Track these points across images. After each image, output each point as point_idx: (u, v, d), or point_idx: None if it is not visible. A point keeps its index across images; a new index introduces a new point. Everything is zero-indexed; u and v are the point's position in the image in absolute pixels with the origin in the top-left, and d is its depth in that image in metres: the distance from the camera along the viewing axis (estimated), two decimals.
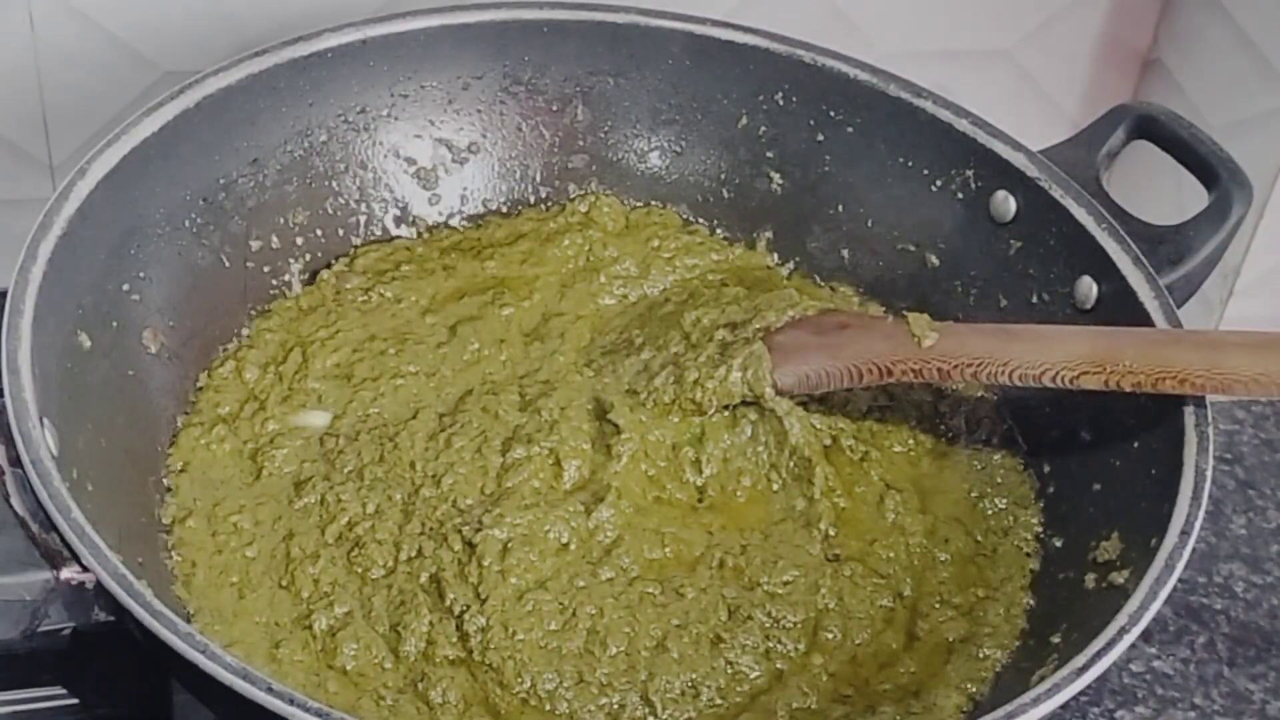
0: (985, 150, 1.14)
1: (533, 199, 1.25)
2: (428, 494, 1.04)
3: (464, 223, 1.24)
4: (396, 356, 1.12)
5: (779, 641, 1.00)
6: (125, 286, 1.04)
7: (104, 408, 0.99)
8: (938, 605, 1.03)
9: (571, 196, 1.25)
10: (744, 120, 1.23)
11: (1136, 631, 0.89)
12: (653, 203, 1.25)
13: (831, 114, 1.20)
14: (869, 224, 1.21)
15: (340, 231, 1.20)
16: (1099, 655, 0.87)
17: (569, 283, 1.19)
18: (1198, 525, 0.94)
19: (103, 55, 1.27)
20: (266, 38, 1.14)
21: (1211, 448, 0.97)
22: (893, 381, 1.07)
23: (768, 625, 1.00)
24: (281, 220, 1.16)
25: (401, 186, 1.22)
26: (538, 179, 1.25)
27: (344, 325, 1.14)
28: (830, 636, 1.01)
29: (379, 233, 1.21)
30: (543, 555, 1.00)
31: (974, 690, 0.98)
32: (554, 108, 1.24)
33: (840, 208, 1.22)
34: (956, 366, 1.04)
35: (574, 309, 1.18)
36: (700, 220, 1.26)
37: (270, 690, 0.79)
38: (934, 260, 1.19)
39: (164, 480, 1.04)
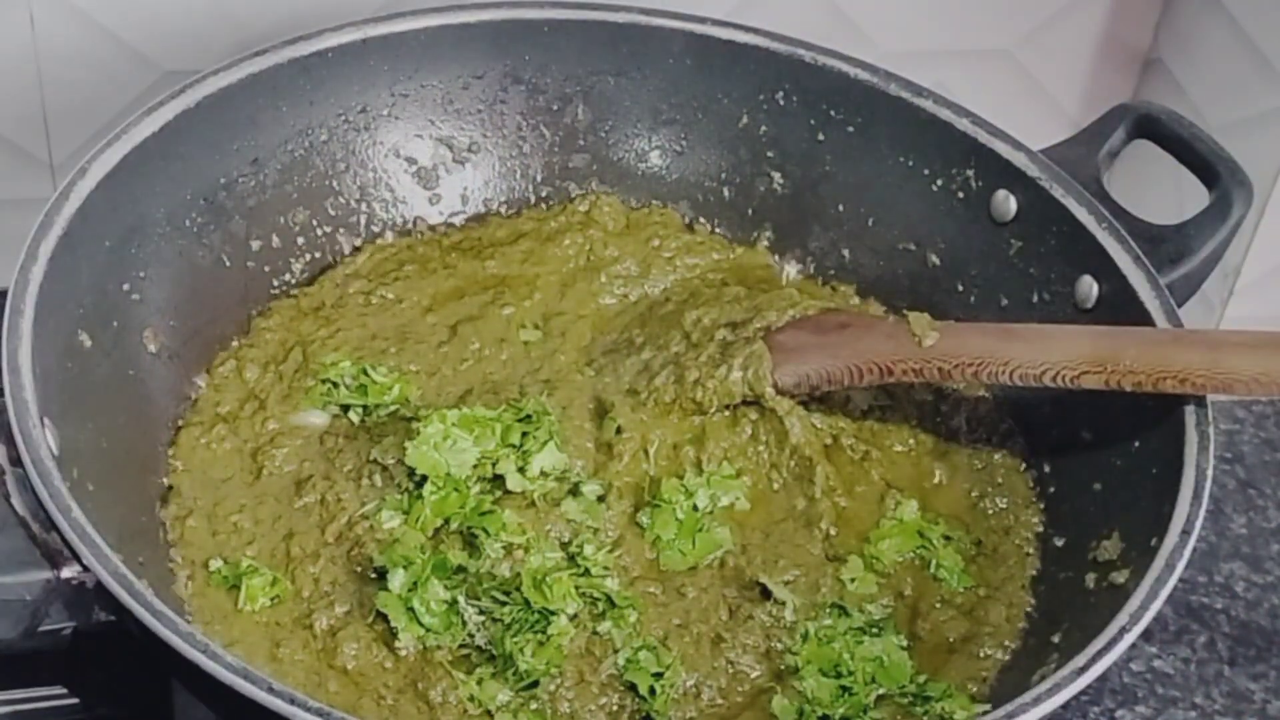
0: (986, 150, 1.14)
1: (533, 198, 1.25)
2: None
3: (465, 222, 1.24)
4: (397, 355, 1.12)
5: (779, 641, 1.00)
6: (126, 286, 1.04)
7: (104, 407, 0.99)
8: (938, 605, 1.03)
9: (572, 196, 1.25)
10: (744, 120, 1.23)
11: (1137, 631, 0.89)
12: (653, 202, 1.26)
13: (832, 113, 1.20)
14: (869, 223, 1.21)
15: (341, 231, 1.20)
16: (1100, 655, 0.87)
17: (570, 282, 1.20)
18: (1198, 525, 0.94)
19: (103, 55, 1.27)
20: (266, 38, 1.14)
21: (1212, 447, 0.97)
22: (893, 381, 1.07)
23: (768, 624, 1.00)
24: (282, 220, 1.16)
25: (402, 186, 1.22)
26: (538, 178, 1.25)
27: (344, 324, 1.14)
28: None
29: (380, 232, 1.21)
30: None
31: (975, 690, 0.98)
32: (554, 107, 1.24)
33: (841, 207, 1.22)
34: (957, 366, 1.04)
35: (575, 308, 1.18)
36: (701, 220, 1.26)
37: (271, 690, 0.79)
38: (935, 260, 1.19)
39: (164, 480, 1.04)
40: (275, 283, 1.16)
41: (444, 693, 0.95)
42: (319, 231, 1.19)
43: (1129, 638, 0.88)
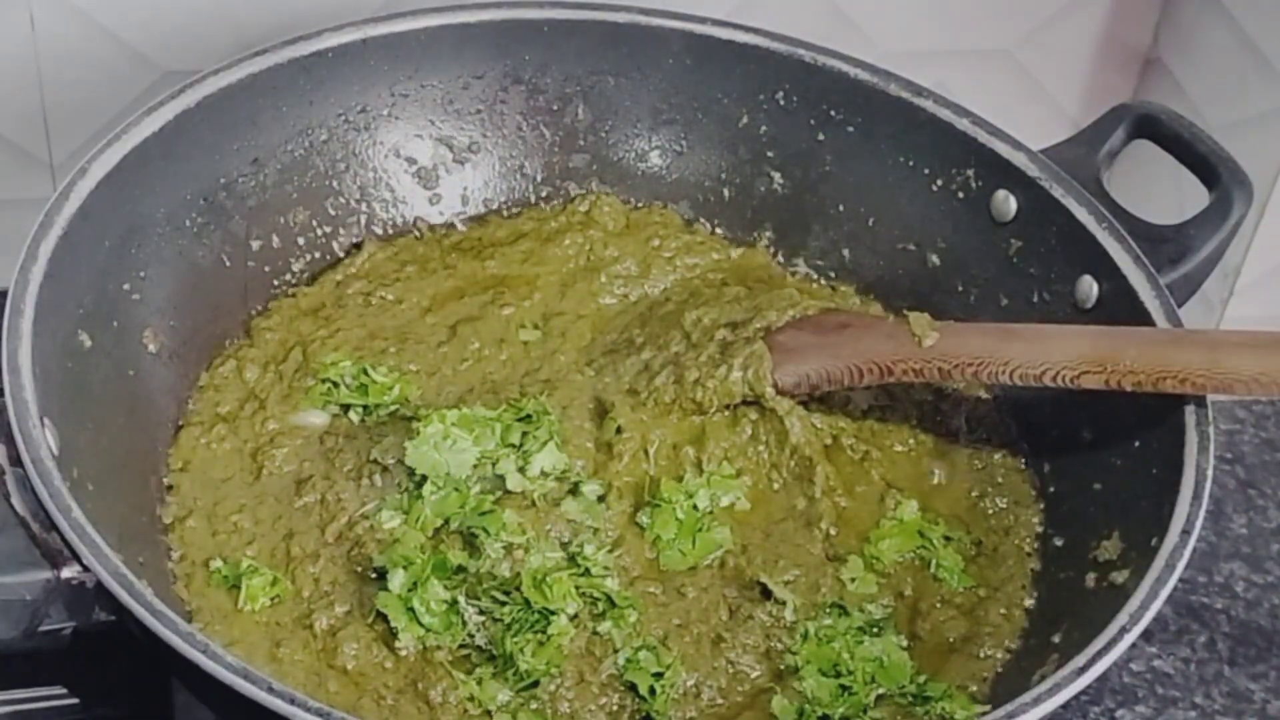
0: (986, 150, 1.14)
1: (533, 198, 1.25)
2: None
3: (465, 222, 1.24)
4: (397, 355, 1.12)
5: (779, 641, 1.00)
6: (126, 286, 1.04)
7: (104, 407, 0.99)
8: (939, 605, 1.03)
9: (572, 196, 1.25)
10: (744, 120, 1.23)
11: (1137, 631, 0.89)
12: (653, 202, 1.26)
13: (832, 113, 1.20)
14: (870, 223, 1.21)
15: (341, 231, 1.20)
16: (1100, 655, 0.87)
17: (570, 282, 1.20)
18: (1198, 525, 0.94)
19: (103, 55, 1.27)
20: (266, 38, 1.14)
21: (1212, 447, 0.97)
22: (893, 381, 1.07)
23: (768, 624, 1.00)
24: (282, 220, 1.16)
25: (402, 186, 1.22)
26: (538, 178, 1.25)
27: (344, 324, 1.14)
28: None
29: (380, 232, 1.21)
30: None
31: (975, 689, 0.98)
32: (554, 107, 1.24)
33: (841, 207, 1.22)
34: (957, 366, 1.04)
35: (575, 308, 1.18)
36: (701, 220, 1.26)
37: (271, 690, 0.79)
38: (935, 259, 1.19)
39: (164, 480, 1.04)
40: (275, 283, 1.16)
41: (444, 693, 0.95)
42: (319, 231, 1.19)
43: (1129, 638, 0.88)
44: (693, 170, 1.25)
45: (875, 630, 1.00)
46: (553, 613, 0.96)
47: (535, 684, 0.95)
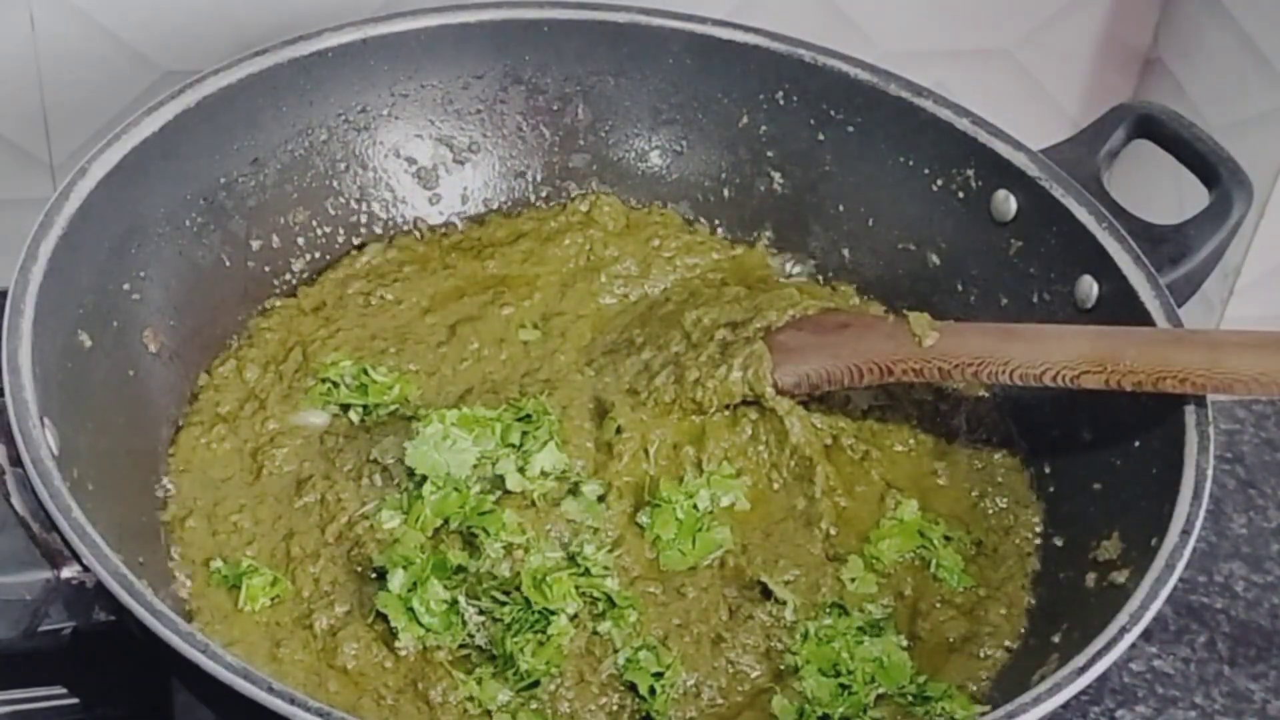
0: (986, 149, 1.14)
1: (533, 198, 1.25)
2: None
3: (465, 222, 1.24)
4: (397, 355, 1.12)
5: (779, 641, 1.00)
6: (126, 286, 1.04)
7: (105, 407, 0.99)
8: (938, 605, 1.03)
9: (572, 196, 1.25)
10: (744, 119, 1.23)
11: (1137, 631, 0.89)
12: (653, 202, 1.26)
13: (832, 113, 1.20)
14: (869, 223, 1.21)
15: (341, 231, 1.20)
16: (1100, 654, 0.87)
17: (570, 282, 1.20)
18: (1198, 524, 0.94)
19: (103, 55, 1.27)
20: (266, 38, 1.14)
21: (1212, 447, 0.97)
22: (893, 381, 1.07)
23: (768, 624, 1.00)
24: (282, 220, 1.17)
25: (402, 186, 1.22)
26: (538, 178, 1.25)
27: (344, 324, 1.14)
28: None
29: (380, 232, 1.21)
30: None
31: (975, 690, 0.98)
32: (554, 107, 1.24)
33: (841, 207, 1.22)
34: (957, 366, 1.04)
35: (575, 308, 1.18)
36: (701, 219, 1.26)
37: (271, 689, 0.80)
38: (935, 259, 1.19)
39: (164, 480, 1.04)
40: (275, 283, 1.16)
41: (444, 693, 0.95)
42: (319, 231, 1.19)
43: (1129, 638, 0.88)
44: (693, 170, 1.26)
45: (875, 630, 1.00)
46: (553, 613, 0.96)
47: (535, 684, 0.95)
